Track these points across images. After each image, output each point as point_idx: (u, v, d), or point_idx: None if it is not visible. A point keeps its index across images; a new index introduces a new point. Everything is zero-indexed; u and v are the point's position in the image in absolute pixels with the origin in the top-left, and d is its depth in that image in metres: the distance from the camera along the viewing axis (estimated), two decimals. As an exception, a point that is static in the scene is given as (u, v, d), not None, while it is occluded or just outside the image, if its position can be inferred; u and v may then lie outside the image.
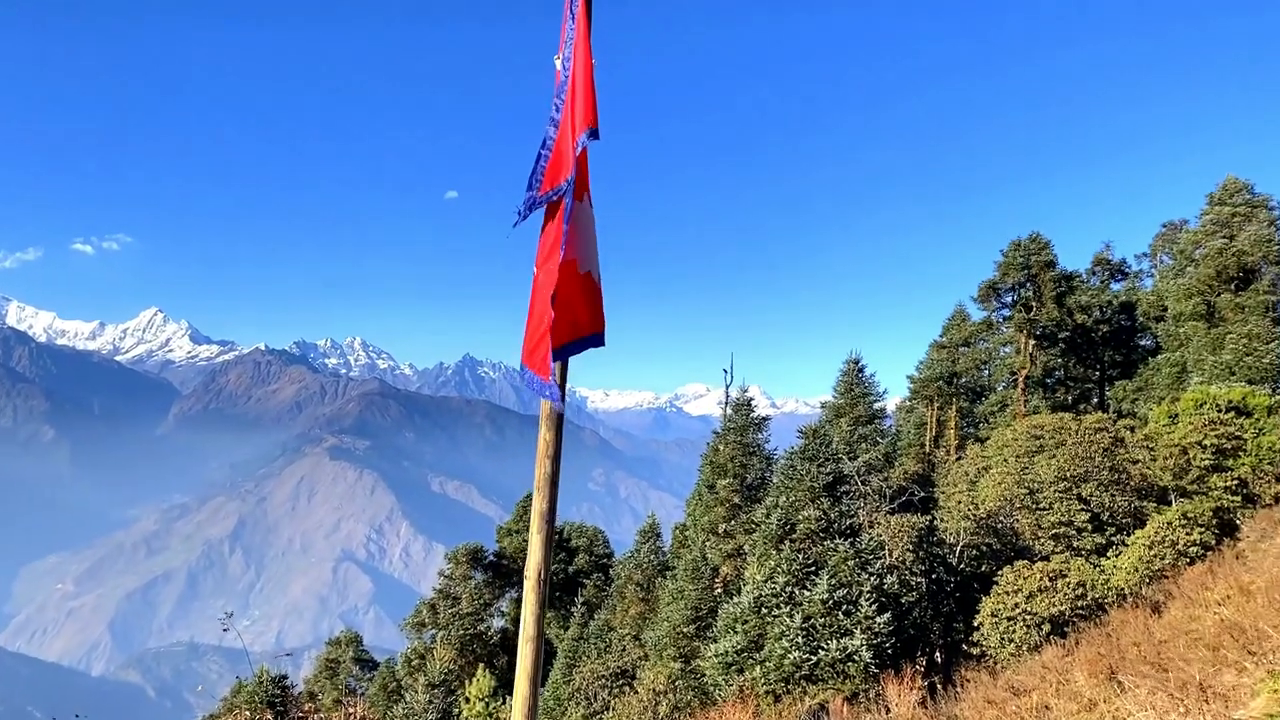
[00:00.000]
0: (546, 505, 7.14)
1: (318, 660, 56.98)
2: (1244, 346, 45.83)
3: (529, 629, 7.09)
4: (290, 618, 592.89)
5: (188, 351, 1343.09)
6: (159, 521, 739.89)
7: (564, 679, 41.59)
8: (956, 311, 61.60)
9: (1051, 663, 20.75)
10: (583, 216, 7.17)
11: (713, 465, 40.53)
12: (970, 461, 42.86)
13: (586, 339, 7.41)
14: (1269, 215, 49.90)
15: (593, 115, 6.83)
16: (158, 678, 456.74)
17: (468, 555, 53.59)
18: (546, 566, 7.11)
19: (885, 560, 27.18)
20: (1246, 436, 33.67)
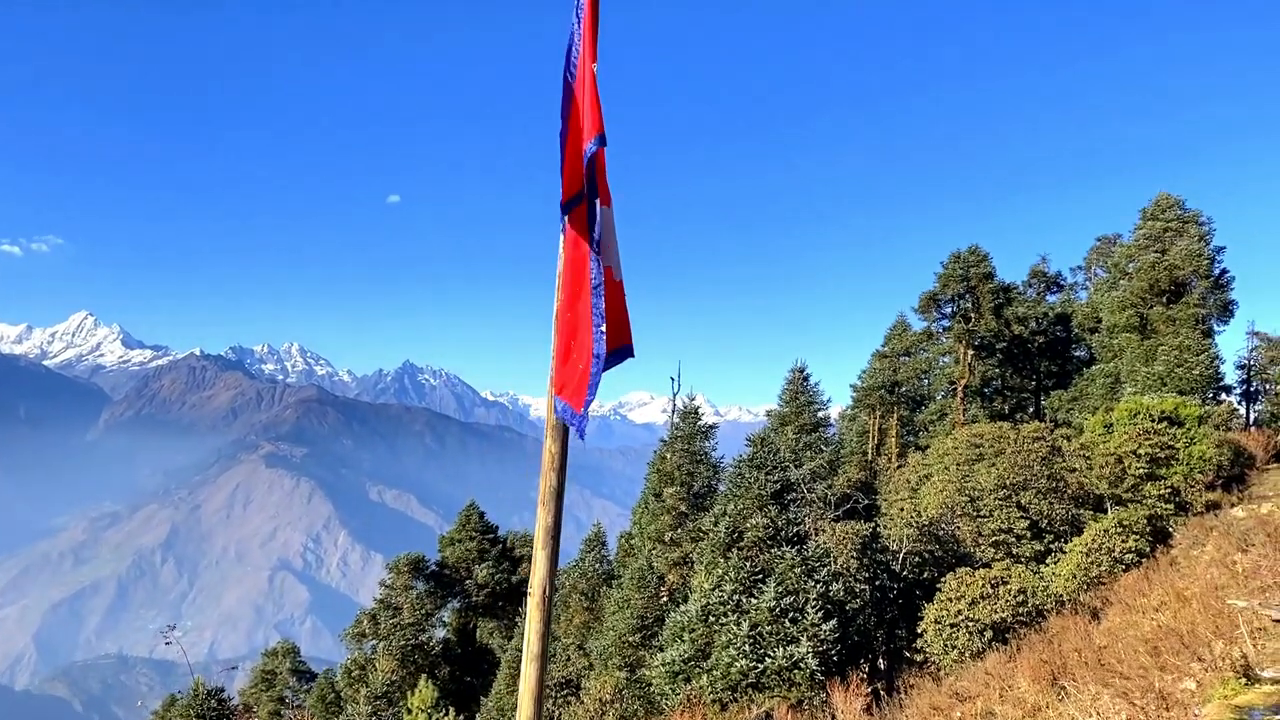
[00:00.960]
0: (552, 519, 7.00)
1: (253, 672, 55.83)
2: (1175, 358, 47.10)
3: (534, 647, 6.95)
4: (224, 628, 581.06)
5: (120, 356, 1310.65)
6: (88, 530, 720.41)
7: (508, 690, 41.25)
8: (898, 321, 62.49)
9: (995, 669, 21.04)
10: (609, 223, 7.08)
11: (659, 473, 40.51)
12: (912, 469, 43.44)
13: (622, 350, 7.26)
14: (1199, 230, 51.42)
15: (599, 121, 6.80)
16: (85, 691, 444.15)
17: (409, 565, 52.92)
18: (552, 582, 6.98)
19: (831, 567, 27.37)
20: (1179, 446, 34.55)
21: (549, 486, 7.02)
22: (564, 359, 7.01)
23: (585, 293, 6.89)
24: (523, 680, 6.98)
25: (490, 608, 55.66)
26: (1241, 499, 35.93)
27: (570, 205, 7.05)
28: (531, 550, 7.16)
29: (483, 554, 55.88)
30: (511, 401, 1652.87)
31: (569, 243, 7.06)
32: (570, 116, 7.08)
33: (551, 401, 7.12)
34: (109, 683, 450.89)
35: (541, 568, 6.96)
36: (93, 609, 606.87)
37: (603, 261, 6.92)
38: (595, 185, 6.97)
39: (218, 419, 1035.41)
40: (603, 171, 7.04)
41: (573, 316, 6.92)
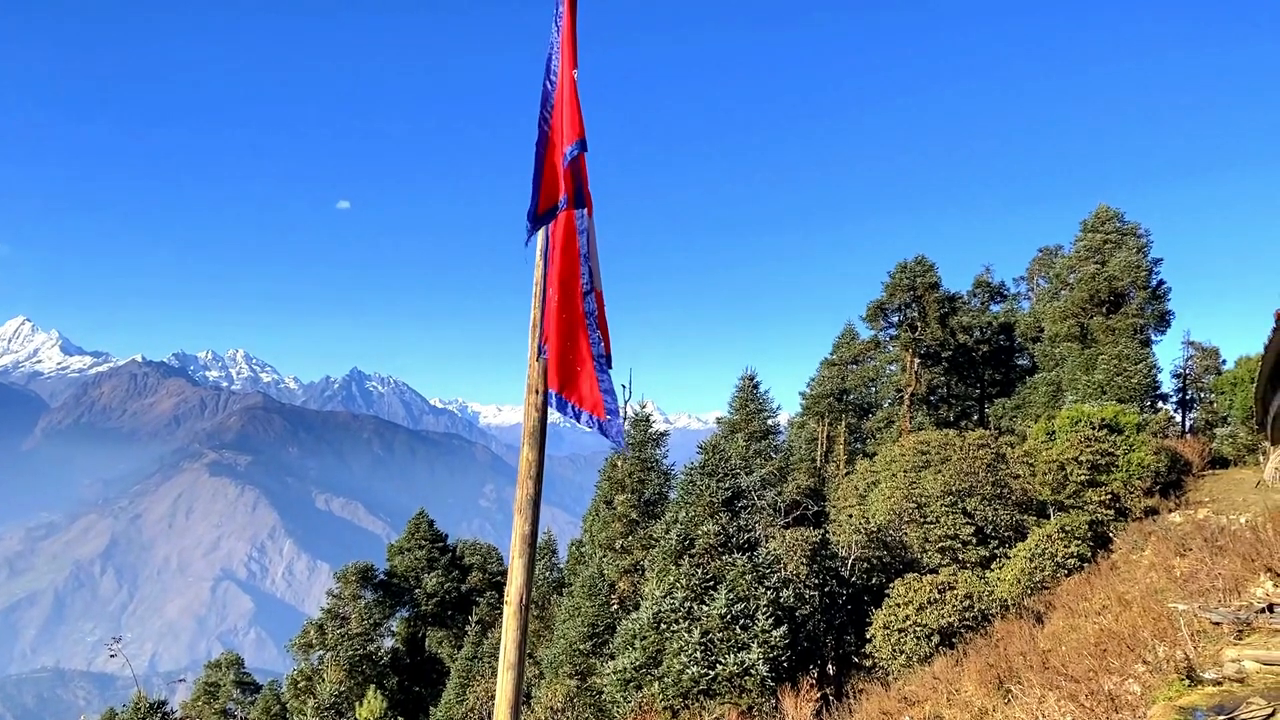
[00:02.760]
0: (529, 528, 6.96)
1: (196, 684, 54.78)
2: (1115, 367, 48.18)
3: (509, 656, 6.90)
4: (166, 639, 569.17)
5: (58, 362, 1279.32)
6: (23, 541, 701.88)
7: (457, 699, 40.98)
8: (846, 330, 63.21)
9: (942, 673, 21.36)
10: (592, 230, 7.09)
11: (610, 480, 40.58)
12: (860, 476, 43.91)
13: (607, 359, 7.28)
14: (1138, 242, 52.70)
15: (579, 126, 6.83)
16: (19, 705, 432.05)
17: (357, 574, 52.35)
18: (528, 591, 6.94)
19: (781, 574, 27.60)
20: (1118, 453, 35.35)
21: (525, 495, 7.00)
22: (558, 361, 7.00)
23: (578, 296, 6.89)
24: (499, 689, 6.96)
25: (439, 617, 55.21)
26: (1179, 504, 36.83)
27: (549, 214, 7.06)
28: (514, 560, 7.12)
29: (432, 563, 55.44)
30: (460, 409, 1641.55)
31: (558, 246, 7.06)
32: (551, 123, 7.09)
33: (529, 408, 7.11)
34: (45, 697, 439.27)
35: (518, 576, 6.94)
36: (28, 621, 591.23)
37: (591, 267, 6.97)
38: (581, 191, 7.01)
39: (160, 427, 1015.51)
40: (584, 176, 7.07)
41: (568, 318, 6.93)
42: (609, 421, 6.88)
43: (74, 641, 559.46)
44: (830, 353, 63.27)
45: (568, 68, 7.02)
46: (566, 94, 6.99)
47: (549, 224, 7.18)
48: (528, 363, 7.19)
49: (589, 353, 6.93)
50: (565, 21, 7.09)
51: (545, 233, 7.24)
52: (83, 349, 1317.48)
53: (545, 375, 7.08)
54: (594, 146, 7.38)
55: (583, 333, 6.94)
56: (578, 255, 6.93)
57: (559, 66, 7.09)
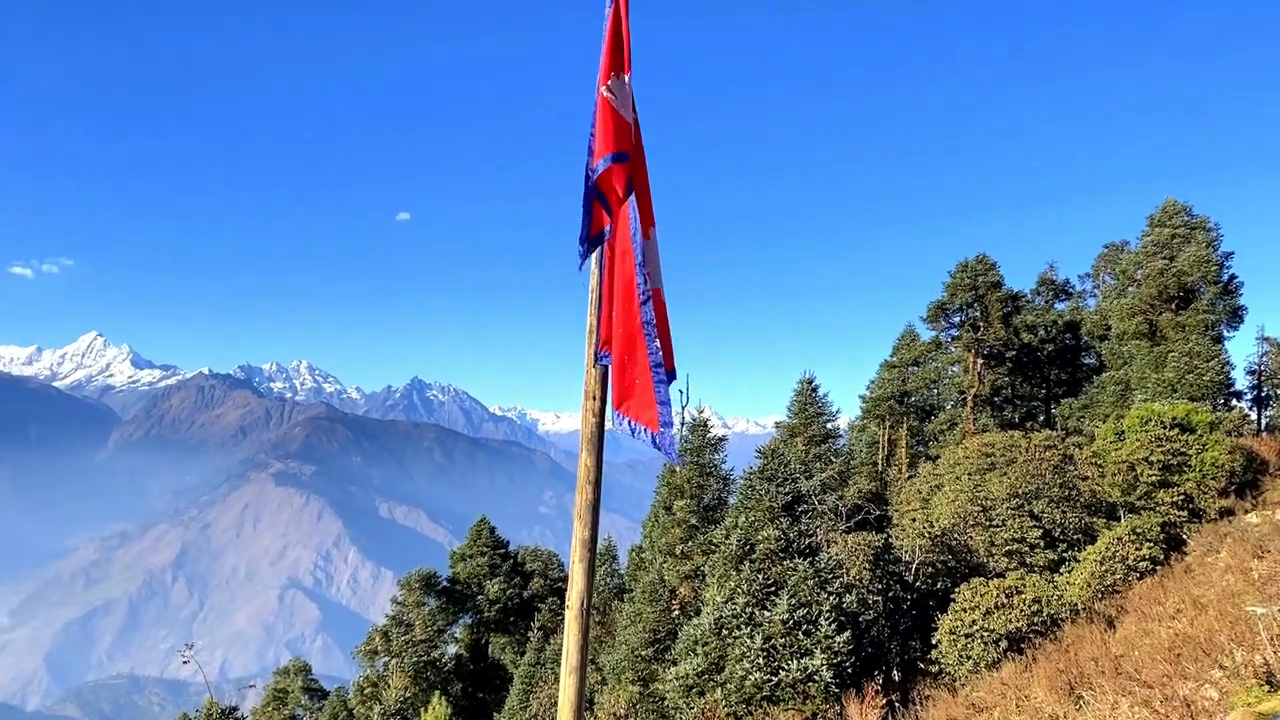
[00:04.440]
0: (589, 533, 7.02)
1: (265, 690, 55.79)
2: (1185, 364, 46.96)
3: (572, 660, 6.98)
4: (235, 647, 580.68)
5: (129, 376, 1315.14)
6: (98, 551, 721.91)
7: (520, 705, 41.18)
8: (906, 331, 62.40)
9: (1010, 679, 20.95)
10: (643, 236, 7.11)
11: (669, 486, 40.49)
12: (923, 479, 43.31)
13: (671, 373, 7.28)
14: (1207, 236, 51.31)
15: (611, 139, 6.85)
16: (97, 711, 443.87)
17: (420, 581, 52.91)
18: (589, 595, 7.00)
19: (844, 579, 27.29)
20: (1191, 453, 34.40)
21: (585, 500, 7.04)
22: (617, 371, 7.04)
23: (635, 305, 6.92)
24: (562, 693, 7.01)
25: (502, 623, 55.58)
26: (1256, 505, 35.72)
27: (600, 237, 7.09)
28: (575, 565, 7.15)
29: (494, 569, 55.83)
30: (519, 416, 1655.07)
31: (616, 255, 7.08)
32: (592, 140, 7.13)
33: (587, 414, 7.13)
34: (121, 703, 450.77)
35: (579, 581, 7.00)
36: (104, 629, 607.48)
37: (650, 282, 6.99)
38: (606, 201, 7.02)
39: (227, 438, 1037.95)
40: (617, 187, 7.05)
41: (627, 329, 6.96)
42: (662, 434, 6.89)
43: (148, 649, 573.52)
44: (890, 355, 62.49)
45: (601, 78, 7.01)
46: (599, 106, 6.99)
47: (601, 245, 7.20)
48: (585, 369, 7.21)
49: (647, 363, 6.94)
50: (607, 28, 7.04)
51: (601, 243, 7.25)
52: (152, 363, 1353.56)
53: (603, 382, 7.10)
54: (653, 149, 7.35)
55: (640, 342, 6.95)
56: (634, 265, 6.92)
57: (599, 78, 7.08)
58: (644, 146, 7.25)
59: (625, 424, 7.05)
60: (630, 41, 7.04)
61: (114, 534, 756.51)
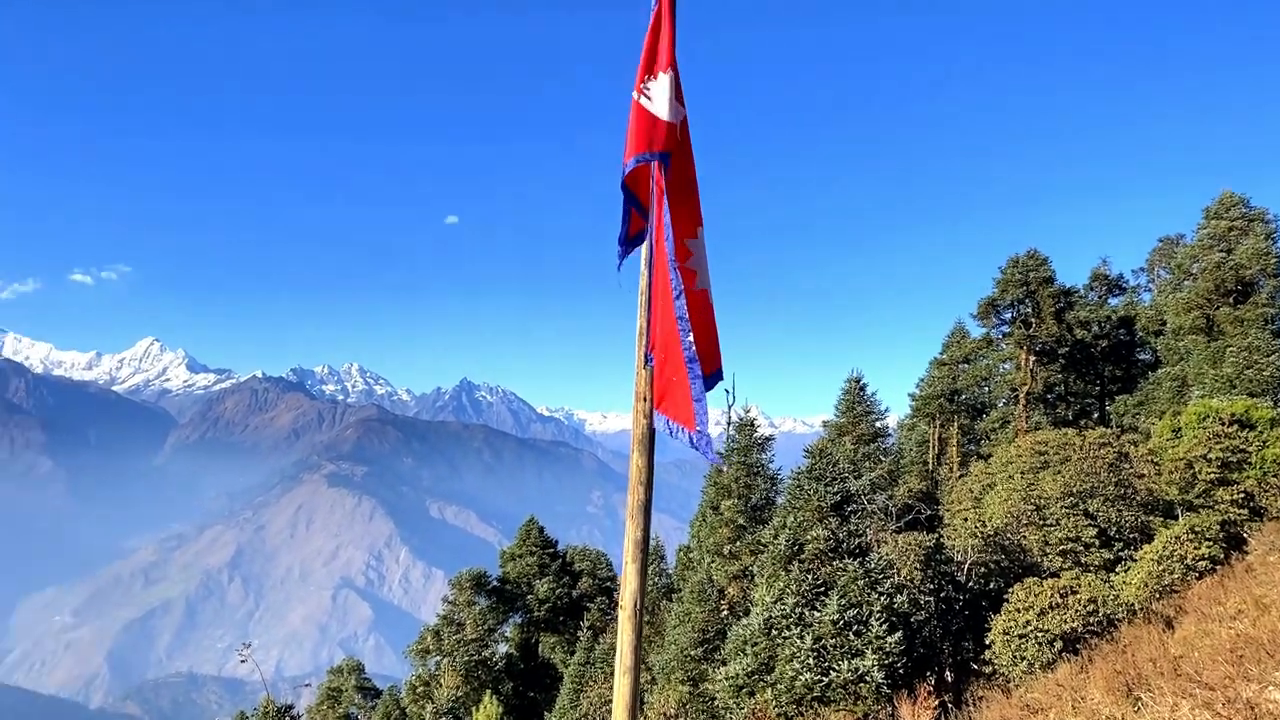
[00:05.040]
0: (641, 533, 7.08)
1: (319, 689, 56.57)
2: (1244, 359, 45.91)
3: (626, 660, 7.04)
4: (290, 646, 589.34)
5: (184, 380, 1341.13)
6: (157, 551, 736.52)
7: (571, 704, 41.35)
8: (956, 328, 61.72)
9: (1066, 680, 20.63)
10: (674, 232, 7.14)
11: (717, 486, 40.44)
12: (974, 478, 42.81)
13: (718, 373, 7.32)
14: (1266, 228, 50.14)
15: (644, 139, 6.90)
16: (156, 709, 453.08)
17: (471, 581, 53.31)
18: (642, 595, 7.06)
19: (894, 579, 27.06)
20: (1251, 449, 33.63)
21: (637, 500, 7.09)
22: (659, 370, 7.10)
23: (670, 301, 6.96)
24: (616, 693, 7.06)
25: (552, 623, 55.85)
26: (1319, 503, 34.83)
27: (639, 237, 7.15)
28: (628, 565, 7.19)
29: (543, 569, 56.13)
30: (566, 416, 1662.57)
31: (656, 255, 7.13)
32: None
33: (637, 415, 7.18)
34: (180, 701, 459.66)
35: (632, 581, 7.04)
36: (163, 628, 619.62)
37: (698, 282, 7.08)
38: (638, 200, 7.07)
39: (280, 440, 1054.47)
40: (650, 186, 7.08)
41: (665, 327, 7.01)
42: (698, 434, 6.90)
43: (205, 648, 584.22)
44: (940, 352, 61.83)
45: (637, 81, 7.06)
46: (631, 109, 7.05)
47: (641, 245, 7.25)
48: (635, 370, 7.24)
49: (682, 360, 6.95)
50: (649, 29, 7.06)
51: (650, 242, 7.27)
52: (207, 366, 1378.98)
53: (653, 383, 7.13)
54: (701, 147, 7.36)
55: (675, 339, 6.96)
56: (667, 262, 6.95)
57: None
58: (691, 144, 7.24)
59: (664, 423, 7.08)
60: (674, 37, 7.05)
61: (171, 535, 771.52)
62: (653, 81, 7.00)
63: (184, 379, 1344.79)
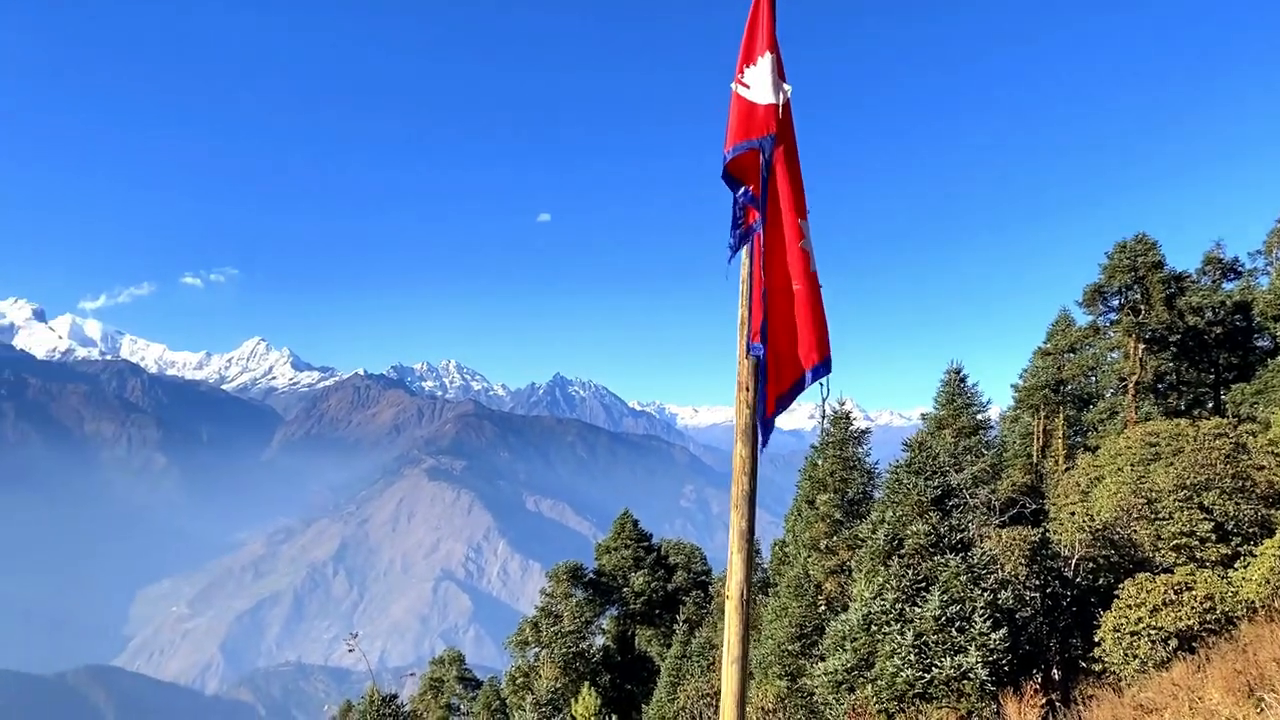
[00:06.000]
0: (746, 523, 7.08)
1: (422, 679, 57.79)
2: (1373, 345, 43.55)
3: (734, 650, 7.05)
4: (393, 637, 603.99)
5: (290, 378, 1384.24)
6: (266, 545, 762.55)
7: (668, 698, 41.45)
8: (1061, 317, 59.80)
9: (1182, 679, 19.89)
10: (771, 222, 7.12)
11: (812, 480, 40.03)
12: (1081, 471, 41.48)
13: (826, 362, 7.28)
14: (1395, 206, 47.39)
15: (741, 129, 6.89)
16: (268, 696, 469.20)
17: (568, 573, 53.84)
18: (749, 585, 7.05)
19: (998, 575, 26.41)
20: (1382, 439, 31.91)
21: (741, 490, 7.07)
22: (774, 358, 7.10)
23: (758, 291, 6.96)
24: (724, 683, 7.06)
25: (647, 615, 56.05)
26: None
27: (752, 231, 7.08)
28: (734, 555, 7.18)
29: (638, 562, 56.36)
30: (658, 411, 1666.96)
31: (771, 237, 7.07)
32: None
33: (740, 405, 7.14)
34: (289, 689, 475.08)
35: (738, 571, 7.03)
36: (273, 619, 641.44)
37: (811, 263, 7.08)
38: (747, 189, 7.02)
39: (382, 435, 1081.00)
40: (776, 178, 7.01)
41: (781, 313, 7.04)
42: (767, 421, 7.05)
43: (312, 638, 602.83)
44: (1044, 341, 60.01)
45: (736, 72, 7.02)
46: (731, 100, 7.02)
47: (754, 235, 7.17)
48: (737, 360, 7.19)
49: (785, 355, 7.05)
50: (749, 15, 7.01)
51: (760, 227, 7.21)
52: (311, 365, 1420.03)
53: (755, 373, 7.10)
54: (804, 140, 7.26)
55: (790, 336, 7.05)
56: (786, 244, 6.94)
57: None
58: (793, 122, 7.16)
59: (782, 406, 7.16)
60: (774, 17, 7.00)
61: (279, 529, 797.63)
62: (751, 68, 6.96)
63: (289, 377, 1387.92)
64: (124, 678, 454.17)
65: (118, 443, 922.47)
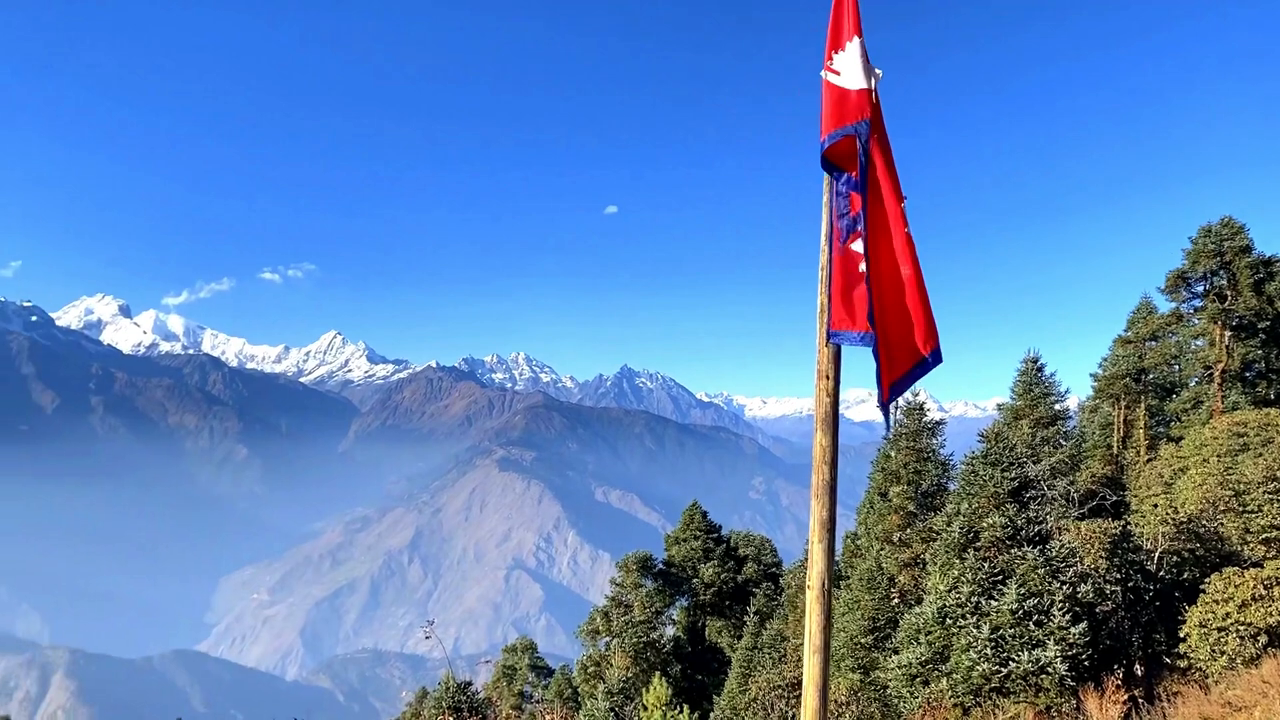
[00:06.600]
0: (826, 513, 7.06)
1: (495, 667, 58.50)
2: None
3: (815, 640, 7.06)
4: (467, 625, 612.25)
5: (365, 371, 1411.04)
6: (343, 533, 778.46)
7: (739, 689, 41.38)
8: (1142, 304, 58.14)
9: (1274, 677, 19.27)
10: (846, 203, 7.11)
11: (884, 472, 39.57)
12: (1164, 462, 40.36)
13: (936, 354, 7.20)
14: None
15: (836, 116, 6.87)
16: (345, 682, 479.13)
17: (638, 564, 53.97)
18: (830, 575, 7.04)
19: (1077, 568, 25.81)
20: None
21: (821, 480, 7.04)
22: (881, 350, 7.00)
23: (897, 269, 6.97)
24: (806, 672, 7.06)
25: (717, 607, 55.97)
26: None
27: (859, 218, 7.01)
28: (814, 545, 7.16)
29: (707, 553, 56.28)
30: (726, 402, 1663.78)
31: (873, 222, 7.00)
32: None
33: (820, 394, 7.09)
34: (366, 675, 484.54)
35: (819, 561, 7.01)
36: (350, 606, 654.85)
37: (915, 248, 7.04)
38: (850, 176, 6.99)
39: (454, 426, 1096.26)
40: (875, 163, 6.96)
41: (890, 295, 7.01)
42: (884, 405, 7.02)
43: (388, 625, 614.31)
44: (1124, 329, 58.42)
45: (825, 60, 7.00)
46: (822, 89, 7.00)
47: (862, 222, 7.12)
48: (817, 348, 7.13)
49: (911, 326, 7.08)
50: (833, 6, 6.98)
51: (828, 218, 7.15)
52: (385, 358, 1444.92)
53: (835, 360, 7.04)
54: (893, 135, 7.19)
55: (905, 307, 7.07)
56: (892, 227, 6.99)
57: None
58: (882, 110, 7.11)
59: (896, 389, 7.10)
60: (858, 4, 6.97)
61: (356, 518, 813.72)
62: (839, 54, 6.96)
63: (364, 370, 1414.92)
64: (208, 663, 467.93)
65: (200, 434, 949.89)
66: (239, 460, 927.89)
